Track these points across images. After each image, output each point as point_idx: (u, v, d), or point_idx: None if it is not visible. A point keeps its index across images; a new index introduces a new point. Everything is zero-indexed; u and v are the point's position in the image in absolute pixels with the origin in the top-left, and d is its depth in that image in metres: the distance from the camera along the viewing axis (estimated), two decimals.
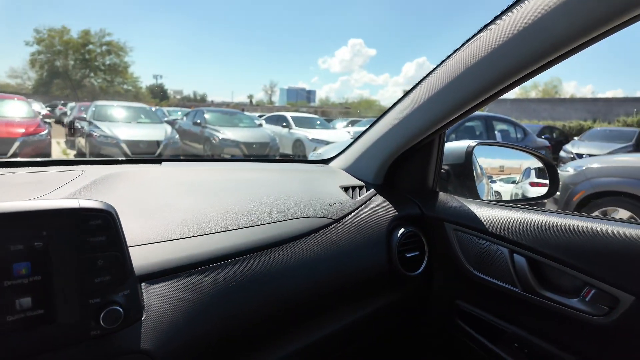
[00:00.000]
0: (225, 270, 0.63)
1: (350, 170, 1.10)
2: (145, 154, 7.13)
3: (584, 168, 3.80)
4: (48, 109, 18.06)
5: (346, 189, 0.98)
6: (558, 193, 1.16)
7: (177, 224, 0.65)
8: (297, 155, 10.55)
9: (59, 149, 9.33)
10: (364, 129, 1.04)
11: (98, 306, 0.47)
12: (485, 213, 0.90)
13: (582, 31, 0.59)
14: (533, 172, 1.25)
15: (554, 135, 14.70)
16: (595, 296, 0.70)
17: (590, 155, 8.93)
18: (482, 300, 0.91)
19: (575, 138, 12.94)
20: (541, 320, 0.79)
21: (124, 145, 6.88)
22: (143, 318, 0.52)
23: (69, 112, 12.58)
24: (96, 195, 0.68)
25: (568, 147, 11.12)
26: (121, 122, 7.76)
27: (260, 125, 10.80)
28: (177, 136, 7.96)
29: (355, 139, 1.12)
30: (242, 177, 0.92)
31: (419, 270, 0.94)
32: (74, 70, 44.84)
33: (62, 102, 24.41)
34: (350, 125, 17.87)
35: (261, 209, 0.77)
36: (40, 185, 0.69)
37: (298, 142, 10.67)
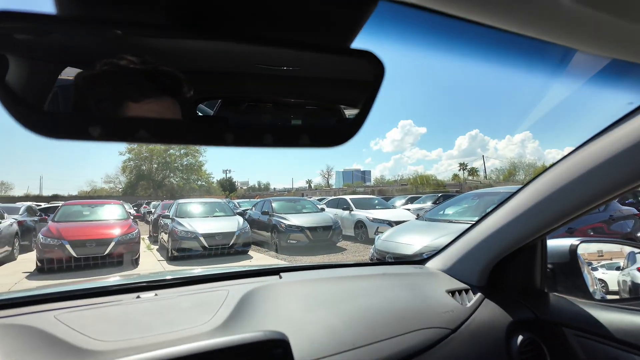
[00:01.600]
0: None
1: (451, 272, 1.11)
2: (220, 245, 7.62)
3: None
4: (135, 208, 20.30)
5: (452, 293, 1.00)
6: None
7: (318, 341, 0.74)
8: (360, 237, 10.52)
9: (143, 245, 10.29)
10: (424, 205, 1.08)
11: None
12: (607, 317, 0.87)
13: None
14: (638, 257, 1.20)
15: (639, 199, 13.19)
16: None
17: None
18: None
19: None
20: None
21: (202, 239, 7.44)
22: None
23: (153, 210, 14.03)
24: (250, 318, 0.80)
25: None
26: (199, 217, 8.50)
27: (323, 209, 11.12)
28: (248, 226, 8.47)
29: (453, 241, 1.16)
30: (354, 287, 0.99)
31: None
32: (157, 172, 51.15)
33: (146, 201, 27.41)
34: (409, 202, 17.68)
35: (381, 321, 0.83)
36: (202, 307, 0.84)
37: (360, 223, 10.72)
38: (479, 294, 1.01)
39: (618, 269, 1.22)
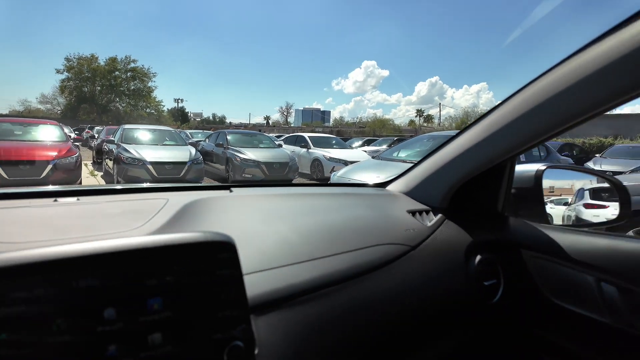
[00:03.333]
0: (322, 301, 0.63)
1: (413, 194, 1.09)
2: (171, 175, 7.30)
3: None
4: (76, 132, 18.79)
5: (413, 213, 0.97)
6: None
7: (270, 252, 0.66)
8: (316, 175, 10.62)
9: (87, 171, 9.66)
10: (380, 147, 1.03)
11: (222, 342, 0.46)
12: (564, 239, 0.88)
13: None
14: (587, 193, 1.24)
15: (574, 152, 14.50)
16: None
17: (615, 173, 8.73)
18: (563, 329, 0.87)
19: (597, 155, 12.72)
20: (636, 352, 0.76)
21: (150, 167, 7.06)
22: (257, 352, 0.51)
23: (96, 135, 13.05)
24: (191, 225, 0.69)
25: (590, 164, 10.93)
26: (148, 145, 7.99)
27: (280, 145, 10.96)
28: (201, 157, 8.14)
29: (416, 164, 1.12)
30: (312, 203, 0.93)
31: (496, 299, 0.91)
32: (101, 95, 46.93)
33: (89, 126, 25.40)
34: (366, 144, 17.97)
35: (340, 236, 0.78)
36: (134, 214, 0.71)
37: (316, 162, 10.77)
38: (440, 215, 0.99)
39: (565, 204, 1.27)
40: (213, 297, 0.47)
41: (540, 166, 1.07)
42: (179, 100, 69.52)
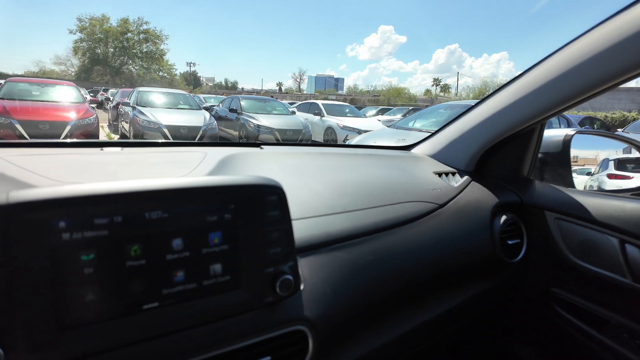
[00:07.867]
0: (356, 249, 0.68)
1: (438, 157, 1.11)
2: (185, 139, 7.37)
3: None
4: (91, 94, 18.86)
5: (439, 174, 1.00)
6: None
7: (306, 203, 0.70)
8: (329, 143, 10.59)
9: (104, 133, 9.79)
10: (394, 117, 1.05)
11: (273, 275, 0.51)
12: (590, 202, 0.90)
13: None
14: (611, 164, 1.24)
15: (595, 126, 14.10)
16: None
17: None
18: (583, 288, 0.91)
19: (620, 130, 12.35)
20: None
21: (165, 130, 7.13)
22: (302, 288, 0.57)
23: (111, 98, 13.11)
24: (232, 175, 0.74)
25: None
26: (163, 108, 8.02)
27: (294, 112, 10.88)
28: (215, 122, 8.16)
29: (442, 127, 1.14)
30: (341, 162, 0.95)
31: (519, 257, 0.95)
32: (114, 57, 46.67)
33: (103, 88, 25.46)
34: (380, 113, 17.68)
35: (370, 192, 0.82)
36: (177, 164, 0.76)
37: (330, 130, 10.69)
38: (466, 177, 1.02)
39: (588, 174, 1.26)
40: (265, 235, 0.51)
41: (569, 131, 1.07)
42: (191, 64, 68.84)
